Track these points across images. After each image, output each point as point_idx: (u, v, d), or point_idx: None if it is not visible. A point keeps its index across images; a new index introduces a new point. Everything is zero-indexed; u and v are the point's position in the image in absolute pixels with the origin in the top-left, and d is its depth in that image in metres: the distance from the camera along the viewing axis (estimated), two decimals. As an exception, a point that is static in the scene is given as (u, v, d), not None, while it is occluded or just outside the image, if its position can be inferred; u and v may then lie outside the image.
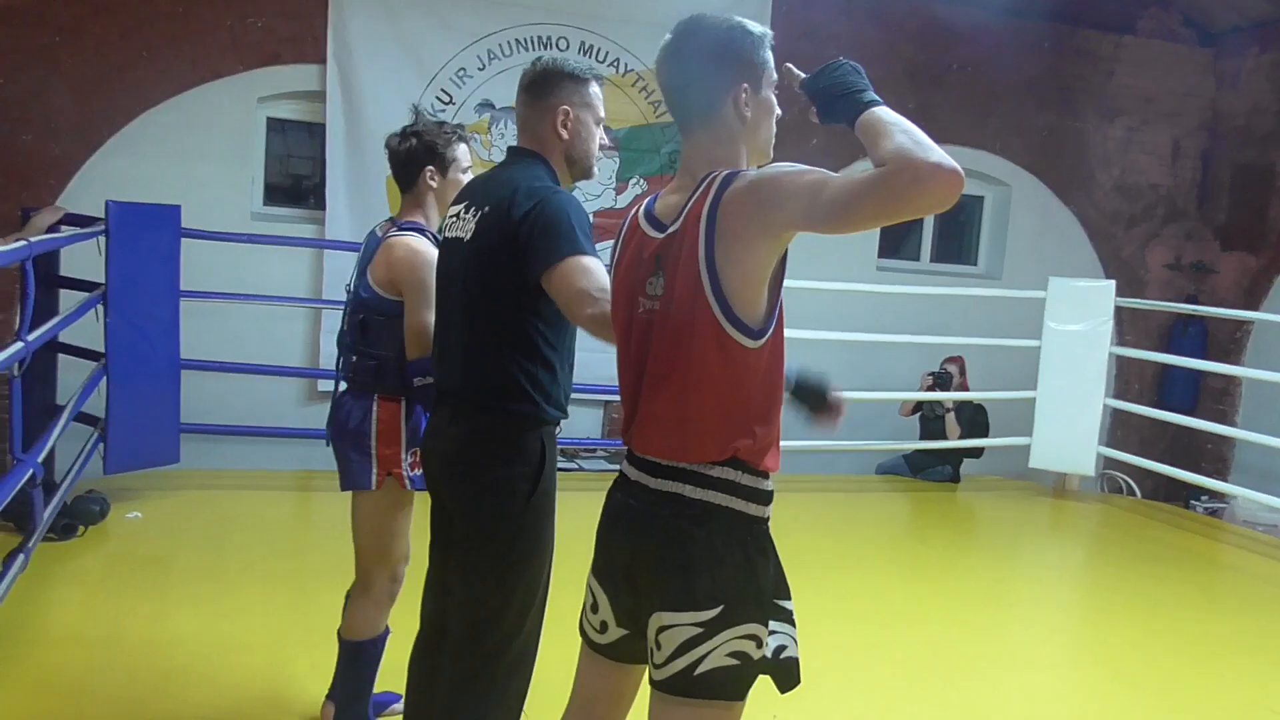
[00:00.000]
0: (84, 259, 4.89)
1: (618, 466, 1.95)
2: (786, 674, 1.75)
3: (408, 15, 6.52)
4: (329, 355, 6.47)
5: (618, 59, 6.97)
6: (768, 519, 1.79)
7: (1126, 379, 8.40)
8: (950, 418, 7.01)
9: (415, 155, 2.77)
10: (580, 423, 6.86)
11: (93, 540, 4.60)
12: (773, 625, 1.73)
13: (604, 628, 1.86)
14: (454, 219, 2.35)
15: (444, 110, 6.54)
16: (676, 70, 1.79)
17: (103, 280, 4.88)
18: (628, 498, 1.82)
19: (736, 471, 1.73)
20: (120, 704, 3.13)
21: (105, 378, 4.91)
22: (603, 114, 2.39)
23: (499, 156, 2.59)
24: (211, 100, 6.24)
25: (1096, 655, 4.18)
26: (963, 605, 4.60)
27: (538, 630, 2.34)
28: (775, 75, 1.84)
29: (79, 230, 4.80)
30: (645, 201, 1.89)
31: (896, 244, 8.23)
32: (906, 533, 6.25)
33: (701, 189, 1.72)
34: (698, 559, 1.69)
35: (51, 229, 4.78)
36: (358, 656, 2.81)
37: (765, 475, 1.77)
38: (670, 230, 1.76)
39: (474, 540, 2.28)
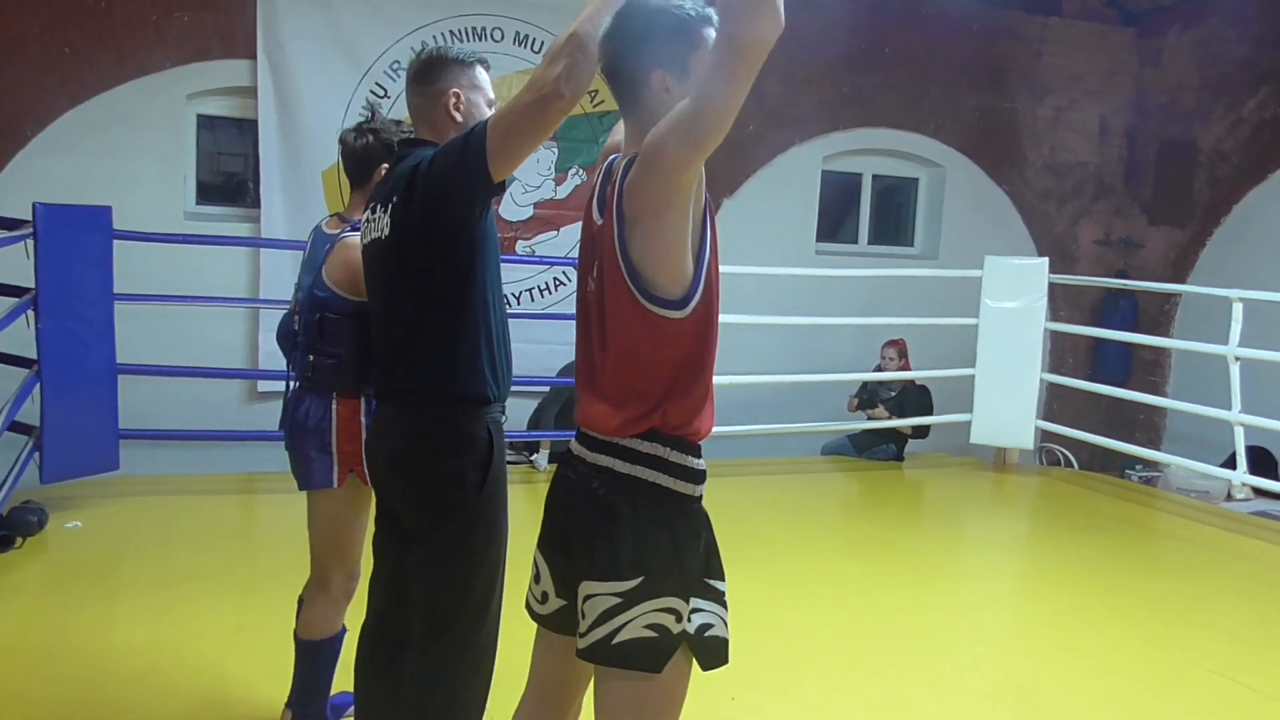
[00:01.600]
0: (11, 263, 4.77)
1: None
2: (710, 652, 1.77)
3: (340, 7, 6.44)
4: (269, 355, 6.39)
5: (553, 48, 6.94)
6: (699, 498, 1.82)
7: (1061, 353, 8.59)
8: (880, 409, 7.11)
9: (371, 152, 2.79)
10: (526, 413, 6.85)
11: (31, 551, 4.49)
12: (698, 603, 1.75)
13: (545, 598, 1.91)
14: (367, 224, 2.34)
15: (379, 104, 6.46)
16: (605, 55, 1.81)
17: (32, 284, 4.76)
18: (568, 471, 1.88)
19: (665, 448, 1.76)
20: (67, 716, 3.07)
21: (39, 384, 4.79)
22: (492, 95, 2.40)
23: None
24: (139, 97, 6.11)
25: (1041, 623, 4.29)
26: (910, 581, 4.68)
27: (498, 618, 2.34)
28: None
29: (6, 234, 4.68)
30: (600, 178, 1.90)
31: (834, 228, 8.33)
32: (853, 512, 6.34)
33: (616, 177, 1.76)
34: (623, 531, 1.73)
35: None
36: (316, 655, 2.80)
37: (696, 453, 1.80)
38: (603, 220, 1.80)
39: (429, 535, 2.26)
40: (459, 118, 2.31)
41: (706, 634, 1.76)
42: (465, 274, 2.20)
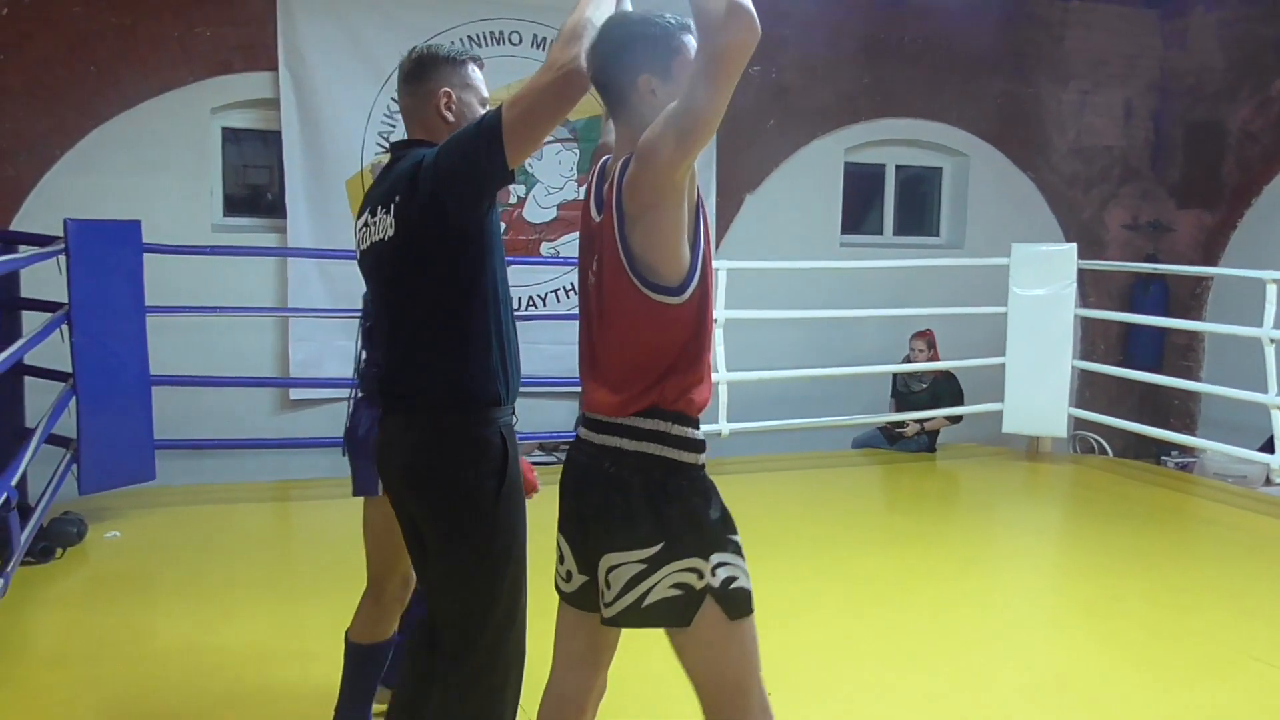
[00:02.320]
0: (44, 279, 4.84)
1: None
2: (736, 603, 1.89)
3: (357, 16, 6.47)
4: (299, 364, 6.46)
5: (572, 50, 6.95)
6: (702, 465, 1.95)
7: (1092, 340, 8.51)
8: (909, 426, 7.08)
9: None
10: (558, 415, 6.86)
11: (72, 562, 4.56)
12: (721, 558, 1.89)
13: (569, 576, 2.03)
14: (365, 228, 2.28)
15: (399, 114, 6.49)
16: (593, 64, 1.93)
17: (65, 300, 4.83)
18: (579, 454, 1.99)
19: (667, 423, 1.89)
20: (112, 724, 3.11)
21: (74, 398, 4.86)
22: (486, 94, 2.34)
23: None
24: (164, 113, 6.17)
25: (1079, 613, 4.25)
26: (945, 573, 4.65)
27: (525, 623, 2.33)
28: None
29: (38, 250, 4.75)
30: (595, 176, 2.02)
31: (858, 220, 8.29)
32: (886, 504, 6.31)
33: (614, 176, 1.88)
34: (638, 503, 1.87)
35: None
36: (362, 660, 2.80)
37: (695, 425, 1.94)
38: (601, 216, 1.92)
39: (451, 546, 2.22)
40: (450, 118, 2.26)
41: (731, 586, 1.88)
42: (473, 270, 2.15)
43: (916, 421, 7.08)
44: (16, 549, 4.00)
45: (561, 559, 2.04)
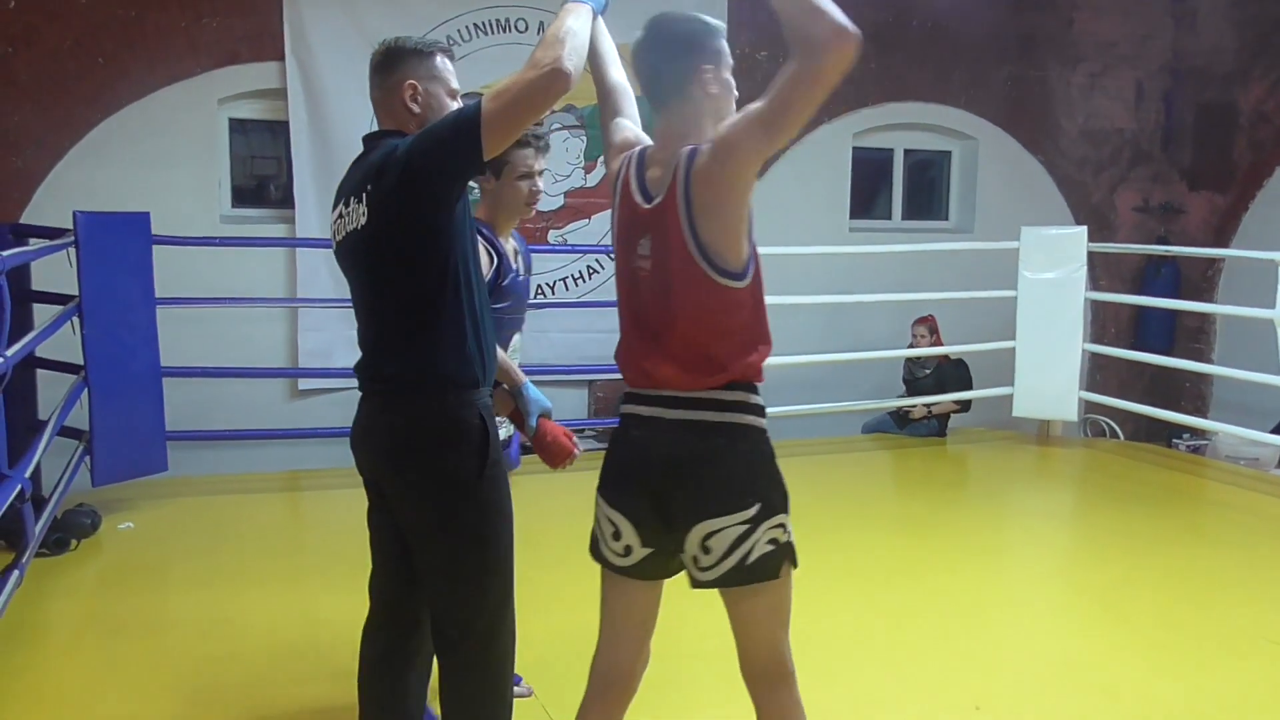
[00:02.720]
0: (55, 272, 4.85)
1: (605, 445, 2.16)
2: (795, 555, 2.10)
3: (363, 5, 6.46)
4: (308, 354, 6.47)
5: (578, 37, 6.93)
6: (766, 428, 2.11)
7: (1103, 323, 8.48)
8: (917, 408, 7.08)
9: None
10: (569, 403, 6.87)
11: (86, 553, 4.58)
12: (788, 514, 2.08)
13: (628, 551, 2.10)
14: (339, 219, 2.29)
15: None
16: (651, 58, 2.08)
17: (76, 292, 4.85)
18: (648, 433, 2.07)
19: (744, 394, 2.05)
20: (124, 714, 3.13)
21: (86, 390, 4.88)
22: (455, 85, 2.34)
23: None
24: (172, 103, 6.18)
25: (1092, 597, 4.24)
26: (957, 557, 4.65)
27: (514, 598, 2.34)
28: (731, 60, 2.12)
29: (48, 243, 4.76)
30: (634, 165, 2.13)
31: (867, 204, 8.27)
32: (897, 489, 6.31)
33: (675, 166, 2.01)
34: (732, 469, 2.02)
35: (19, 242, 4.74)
36: None
37: (759, 392, 2.10)
38: (656, 202, 2.04)
39: (438, 530, 2.23)
40: (416, 109, 2.27)
41: (793, 540, 2.09)
42: (445, 256, 2.17)
43: (924, 405, 7.07)
44: (31, 540, 4.02)
45: (617, 535, 2.09)
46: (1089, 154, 8.47)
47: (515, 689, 2.46)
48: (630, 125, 2.31)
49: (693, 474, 2.01)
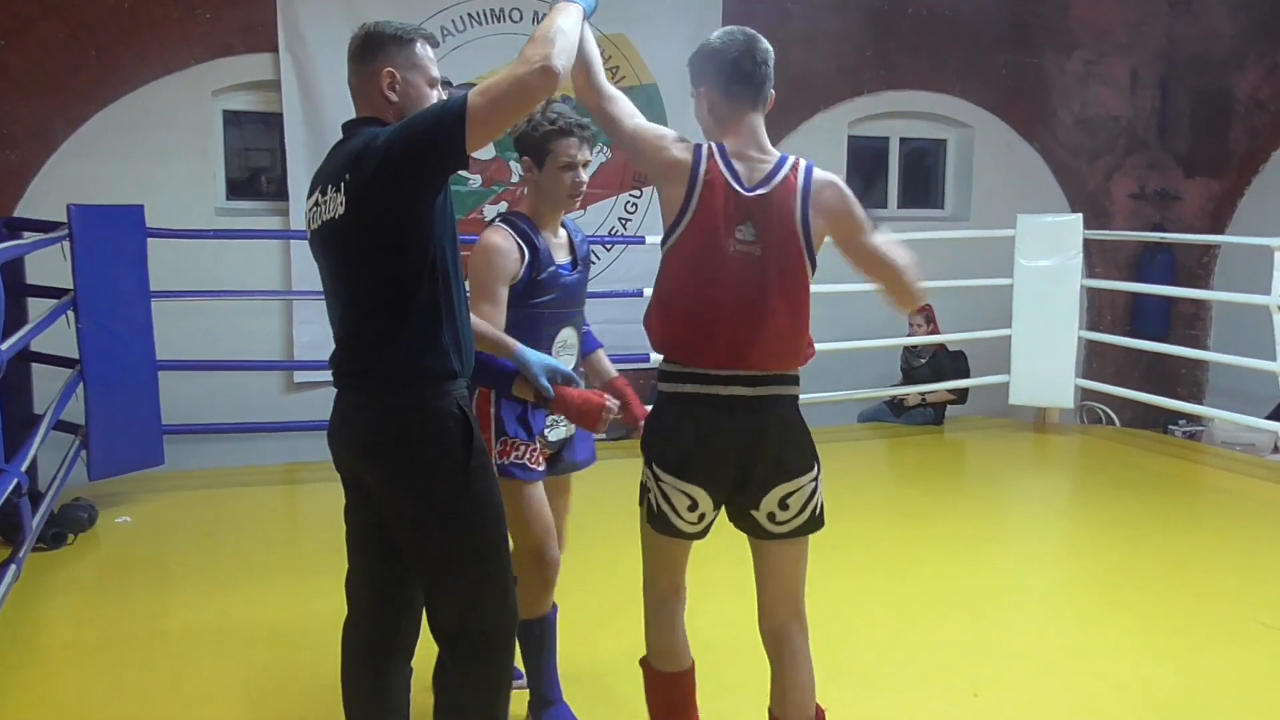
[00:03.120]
0: (49, 265, 4.84)
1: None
2: None
3: (356, -5, 6.44)
4: (304, 347, 6.46)
5: (573, 26, 6.90)
6: None
7: (1099, 310, 8.48)
8: (912, 397, 7.09)
9: (517, 145, 2.80)
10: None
11: (83, 547, 4.58)
12: None
13: (700, 519, 2.33)
14: (315, 207, 2.23)
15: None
16: (760, 68, 2.36)
17: (70, 286, 4.83)
18: (734, 411, 2.28)
19: (798, 370, 2.37)
20: (123, 709, 3.13)
21: (82, 384, 4.87)
22: (436, 74, 2.28)
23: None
24: (166, 96, 6.15)
25: (1089, 583, 4.26)
26: (955, 545, 4.66)
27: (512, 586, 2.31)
28: None
29: (42, 236, 4.75)
30: (717, 155, 2.31)
31: (862, 193, 8.22)
32: (894, 477, 6.32)
33: (788, 168, 2.33)
34: (802, 437, 2.36)
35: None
36: (521, 635, 2.78)
37: None
38: (759, 192, 2.29)
39: (428, 523, 2.19)
40: (394, 98, 2.21)
41: None
42: (423, 247, 2.13)
43: (919, 394, 7.07)
44: (28, 535, 4.02)
45: (694, 507, 2.30)
46: (1085, 141, 8.47)
47: (514, 681, 2.45)
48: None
49: (779, 443, 2.31)
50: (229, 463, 6.06)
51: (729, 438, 2.28)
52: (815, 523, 2.37)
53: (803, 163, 2.36)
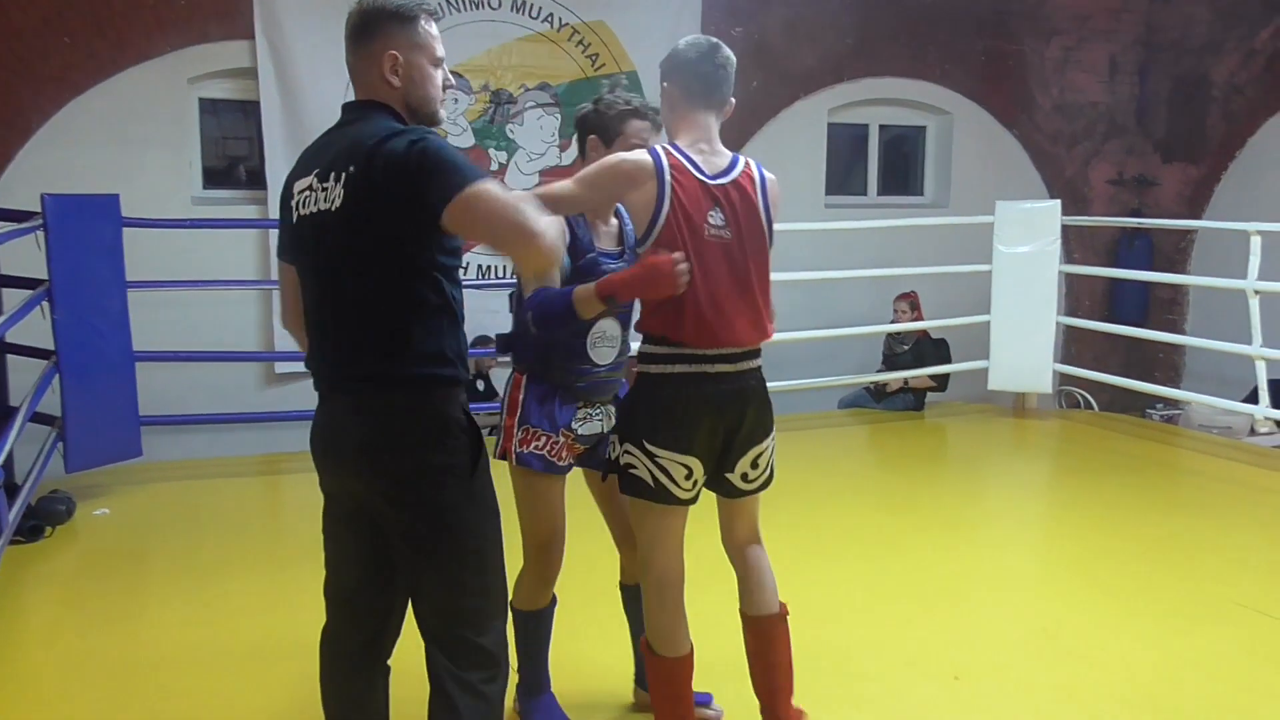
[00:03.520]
0: (24, 255, 4.79)
1: None
2: None
3: (334, -18, 6.38)
4: (284, 336, 6.40)
5: (551, 14, 6.87)
6: None
7: (1077, 296, 8.53)
8: (893, 383, 7.12)
9: (584, 122, 2.78)
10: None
11: (62, 540, 4.54)
12: None
13: (694, 485, 2.51)
14: (307, 193, 2.10)
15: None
16: (721, 70, 2.51)
17: (45, 276, 4.78)
18: (720, 384, 2.46)
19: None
20: (104, 702, 3.11)
21: (58, 375, 4.82)
22: (440, 53, 2.15)
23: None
24: (141, 83, 6.10)
25: (1068, 566, 4.28)
26: (935, 529, 4.68)
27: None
28: None
29: (16, 226, 4.69)
30: (675, 153, 2.44)
31: (842, 180, 8.26)
32: (875, 463, 6.34)
33: (741, 163, 2.52)
34: (766, 403, 2.58)
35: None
36: (519, 625, 2.82)
37: None
38: (723, 180, 2.47)
39: (434, 532, 2.08)
40: (397, 82, 2.08)
41: None
42: (428, 247, 2.02)
43: (900, 380, 7.10)
44: (5, 528, 3.98)
45: (689, 475, 2.47)
46: (1063, 128, 8.50)
47: None
48: None
49: (758, 410, 2.53)
50: (208, 454, 6.03)
51: (719, 411, 2.47)
52: (772, 476, 2.65)
53: (748, 159, 2.57)
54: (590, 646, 3.28)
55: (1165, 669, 3.27)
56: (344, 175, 2.02)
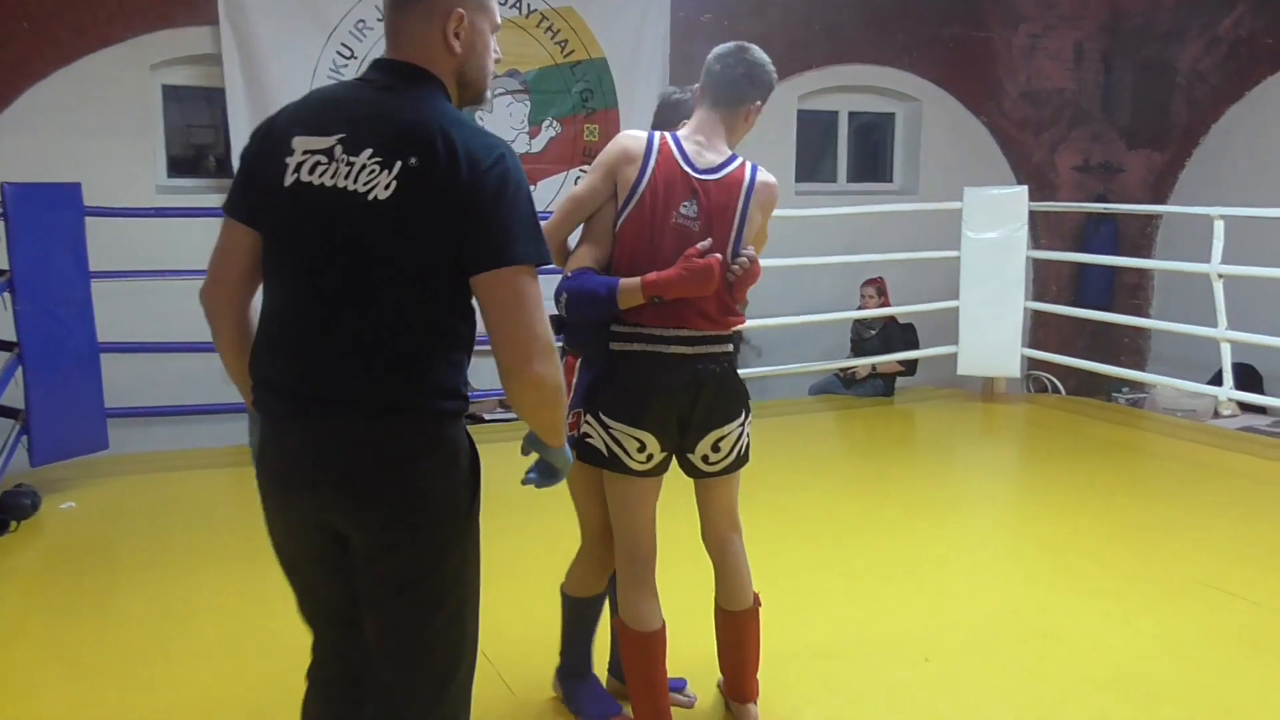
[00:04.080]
0: (-16, 246, 4.72)
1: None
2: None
3: (299, -33, 6.30)
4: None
5: (519, 0, 6.83)
6: None
7: (1044, 281, 8.61)
8: (862, 369, 7.15)
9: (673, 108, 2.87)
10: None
11: (27, 534, 4.49)
12: None
13: (649, 459, 2.57)
14: (322, 159, 1.75)
15: (345, 66, 6.37)
16: (738, 72, 2.59)
17: (6, 266, 4.71)
18: (677, 366, 2.54)
19: (731, 330, 2.62)
20: (71, 696, 3.08)
21: (20, 367, 4.76)
22: (499, 20, 1.91)
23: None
24: (102, 70, 5.99)
25: (1037, 548, 4.33)
26: (906, 514, 4.72)
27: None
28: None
29: (-25, 217, 4.62)
30: (669, 141, 2.56)
31: (812, 167, 8.28)
32: (844, 449, 6.38)
33: (737, 164, 2.59)
34: (733, 387, 2.63)
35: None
36: (568, 610, 2.87)
37: None
38: (707, 176, 2.55)
39: (426, 572, 1.82)
40: (459, 48, 1.78)
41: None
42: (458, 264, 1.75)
43: (869, 365, 7.14)
44: (-31, 522, 3.93)
45: (642, 448, 2.54)
46: (1030, 114, 8.56)
47: None
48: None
49: (715, 393, 2.58)
50: (175, 446, 5.96)
51: (670, 391, 2.54)
52: (741, 461, 2.68)
53: (749, 162, 2.62)
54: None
55: (1131, 647, 3.32)
56: (400, 164, 1.70)
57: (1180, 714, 2.91)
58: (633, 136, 2.59)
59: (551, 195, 6.85)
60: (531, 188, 1.83)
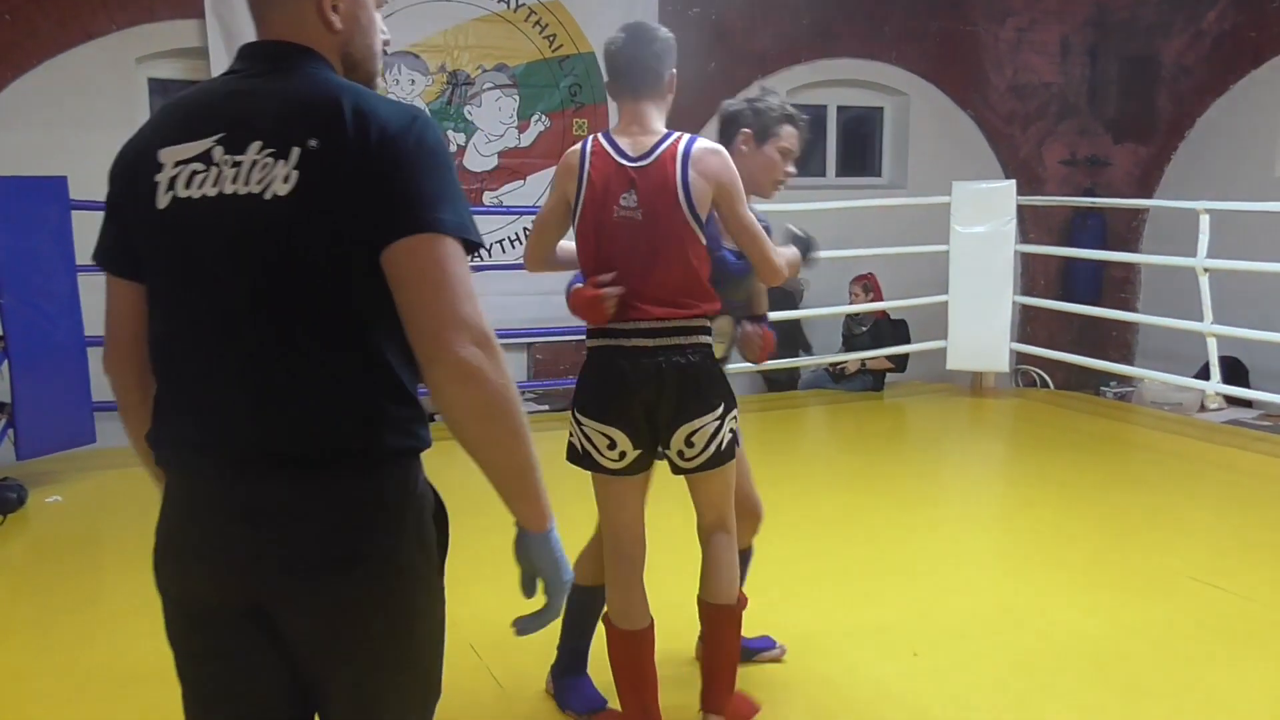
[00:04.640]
0: (-31, 240, 4.68)
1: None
2: (739, 440, 2.67)
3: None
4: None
5: (508, -8, 6.82)
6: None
7: (1032, 275, 8.63)
8: (851, 364, 7.16)
9: (737, 119, 2.85)
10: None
11: (13, 528, 4.47)
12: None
13: (622, 456, 2.55)
14: (196, 166, 1.44)
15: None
16: (638, 53, 2.53)
17: (-8, 261, 4.69)
18: (638, 359, 2.51)
19: (706, 320, 2.57)
20: (59, 690, 3.07)
21: (6, 361, 4.73)
22: None
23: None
24: (87, 62, 5.96)
25: (1024, 541, 4.35)
26: (894, 508, 4.73)
27: None
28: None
29: (-40, 210, 4.59)
30: (601, 140, 2.55)
31: (801, 161, 8.24)
32: (834, 443, 6.39)
33: (669, 141, 2.51)
34: (707, 379, 2.56)
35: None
36: (575, 599, 2.68)
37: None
38: (642, 163, 2.50)
39: (387, 650, 1.51)
40: (338, 24, 1.50)
41: (738, 428, 2.66)
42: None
43: (858, 360, 7.15)
44: (-46, 517, 3.91)
45: (612, 445, 2.54)
46: (1017, 108, 8.58)
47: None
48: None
49: (680, 387, 2.52)
50: (163, 440, 5.93)
51: (631, 385, 2.52)
52: (720, 457, 2.60)
53: (686, 135, 2.55)
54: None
55: (1117, 640, 3.33)
56: (298, 150, 1.39)
57: (1165, 706, 2.93)
58: (571, 150, 2.60)
59: (540, 190, 6.84)
60: (521, 183, 1.76)
